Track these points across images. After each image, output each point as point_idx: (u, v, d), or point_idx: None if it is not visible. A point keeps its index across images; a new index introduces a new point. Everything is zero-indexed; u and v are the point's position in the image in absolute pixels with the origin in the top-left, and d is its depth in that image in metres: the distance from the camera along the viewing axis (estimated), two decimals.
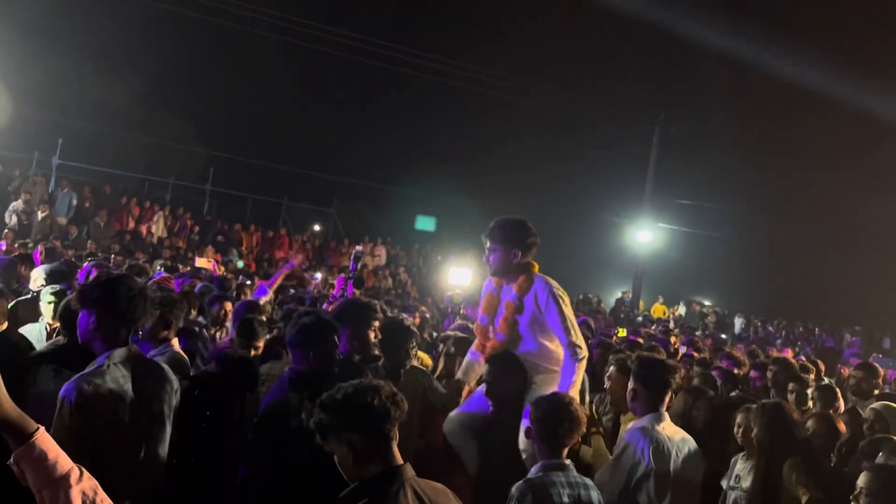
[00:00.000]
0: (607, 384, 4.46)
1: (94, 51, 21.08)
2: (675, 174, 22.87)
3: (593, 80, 24.39)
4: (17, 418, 1.45)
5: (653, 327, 11.58)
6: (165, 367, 3.06)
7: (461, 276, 13.83)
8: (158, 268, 11.82)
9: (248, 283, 11.17)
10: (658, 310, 20.56)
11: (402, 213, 23.48)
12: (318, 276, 14.14)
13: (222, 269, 11.63)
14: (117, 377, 2.68)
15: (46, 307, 4.55)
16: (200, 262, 10.72)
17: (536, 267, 4.03)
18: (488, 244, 4.03)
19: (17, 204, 14.54)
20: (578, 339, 3.81)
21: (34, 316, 4.91)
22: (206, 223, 18.66)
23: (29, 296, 5.61)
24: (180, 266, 13.20)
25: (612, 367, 4.41)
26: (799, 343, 17.76)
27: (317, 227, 22.14)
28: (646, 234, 22.04)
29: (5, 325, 4.15)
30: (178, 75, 22.97)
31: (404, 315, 6.07)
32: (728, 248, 24.33)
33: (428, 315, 9.75)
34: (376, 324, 3.93)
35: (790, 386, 5.29)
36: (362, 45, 20.77)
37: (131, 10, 20.20)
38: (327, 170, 22.55)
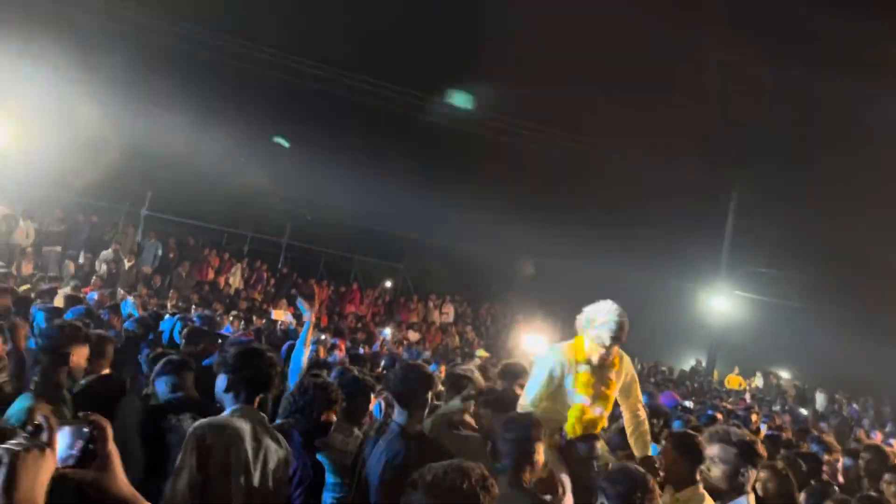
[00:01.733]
0: (661, 461, 4.32)
1: (183, 107, 22.34)
2: (753, 240, 22.27)
3: (667, 143, 24.23)
4: (131, 497, 1.51)
5: (729, 399, 11.14)
6: (279, 435, 3.23)
7: (536, 342, 13.66)
8: (230, 319, 12.18)
9: (322, 337, 11.37)
10: (733, 380, 19.80)
11: (471, 272, 23.57)
12: (387, 331, 14.23)
13: (295, 321, 11.84)
14: (239, 428, 2.96)
15: None
16: (277, 315, 10.97)
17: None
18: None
19: (107, 253, 15.30)
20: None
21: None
22: (281, 276, 19.17)
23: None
24: (255, 318, 13.58)
25: (669, 442, 4.28)
26: (889, 425, 16.71)
27: (388, 284, 22.42)
28: (722, 302, 21.42)
29: (108, 369, 4.36)
30: (259, 133, 24.03)
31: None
32: (809, 318, 23.33)
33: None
34: None
35: (886, 477, 4.98)
36: (433, 104, 21.29)
37: (217, 70, 21.33)
38: (397, 226, 22.94)
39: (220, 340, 7.08)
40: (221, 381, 3.18)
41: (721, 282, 21.50)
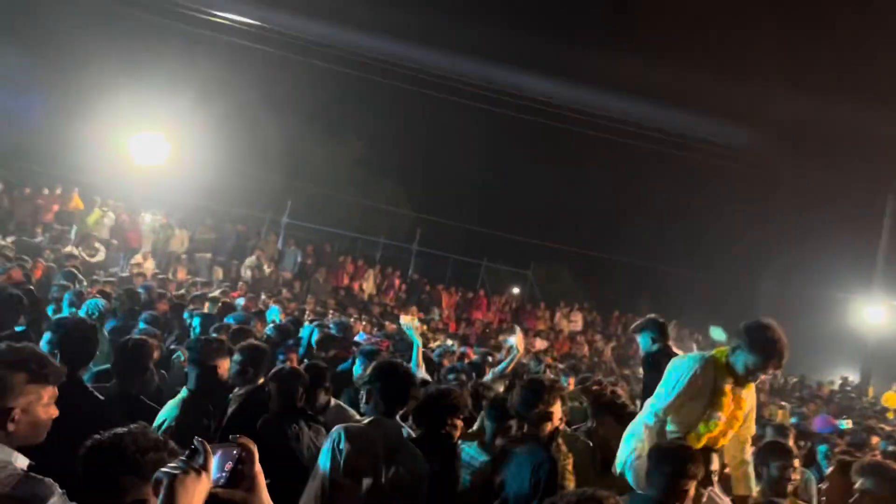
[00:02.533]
0: (825, 485, 4.03)
1: (321, 119, 23.49)
2: None
3: (818, 146, 22.71)
4: None
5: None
6: (415, 449, 3.37)
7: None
8: (363, 323, 12.57)
9: (449, 343, 11.54)
10: (891, 399, 18.18)
11: (602, 279, 23.14)
12: (512, 339, 14.05)
13: (424, 326, 12.07)
14: (375, 436, 3.16)
15: None
16: (405, 320, 11.22)
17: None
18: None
19: (252, 260, 16.30)
20: None
21: None
22: (412, 282, 19.63)
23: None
24: (387, 323, 13.98)
25: (833, 468, 4.00)
26: None
27: (515, 290, 22.40)
28: (877, 312, 19.76)
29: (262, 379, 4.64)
30: (393, 141, 24.84)
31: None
32: None
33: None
34: None
35: None
36: (562, 111, 21.05)
37: (352, 83, 22.20)
38: (525, 233, 22.92)
39: (353, 347, 7.38)
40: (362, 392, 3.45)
41: (876, 290, 19.82)
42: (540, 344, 16.20)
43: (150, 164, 17.14)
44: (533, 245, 23.11)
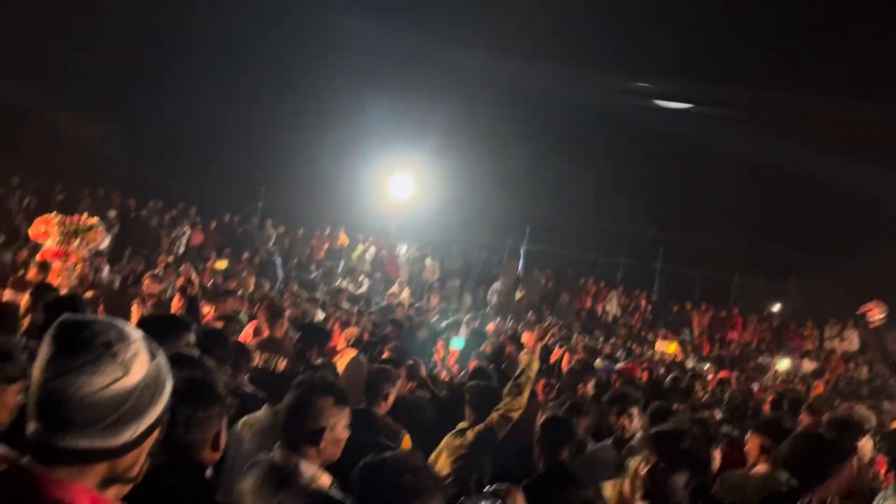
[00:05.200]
0: None
1: (556, 144, 23.72)
2: None
3: None
4: None
5: None
6: None
7: None
8: (609, 348, 12.36)
9: (705, 367, 10.95)
10: None
11: (877, 294, 20.40)
12: (786, 362, 12.78)
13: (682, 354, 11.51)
14: None
15: None
16: (660, 346, 10.89)
17: None
18: None
19: (497, 285, 16.88)
20: None
21: None
22: (658, 302, 18.98)
23: None
24: (633, 346, 13.63)
25: None
26: None
27: (775, 308, 20.61)
28: None
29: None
30: (629, 159, 24.28)
31: None
32: None
33: None
34: None
35: None
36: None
37: (583, 105, 22.17)
38: (783, 244, 21.03)
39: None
40: None
41: None
42: (808, 366, 14.72)
43: (402, 200, 18.62)
44: (792, 257, 21.13)
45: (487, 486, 2.00)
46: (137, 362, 1.36)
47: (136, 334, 1.40)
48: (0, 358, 2.40)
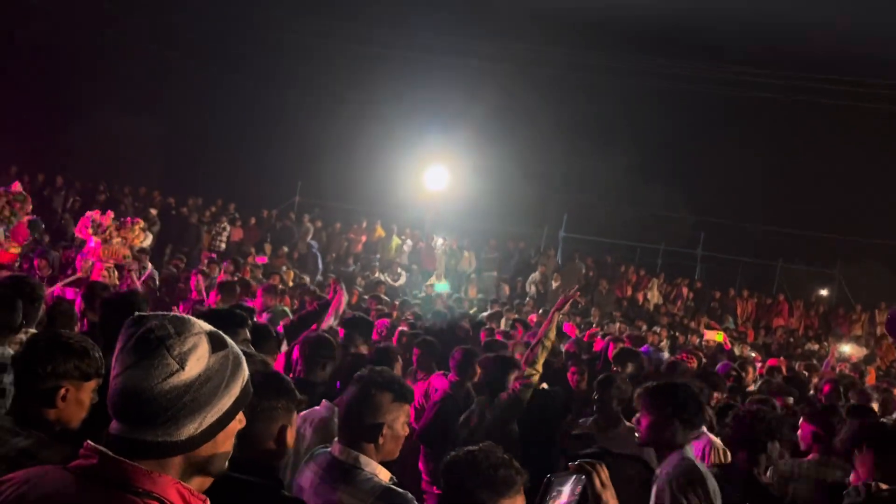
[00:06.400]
0: None
1: (592, 131, 23.42)
2: None
3: None
4: None
5: None
6: None
7: None
8: (665, 338, 12.17)
9: (752, 355, 10.75)
10: None
11: None
12: (847, 348, 12.26)
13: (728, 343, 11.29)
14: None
15: None
16: (708, 335, 10.68)
17: None
18: None
19: (535, 276, 16.75)
20: None
21: None
22: (698, 289, 18.66)
23: None
24: (677, 333, 13.43)
25: None
26: None
27: (823, 292, 20.11)
28: None
29: None
30: (666, 144, 23.86)
31: None
32: None
33: None
34: None
35: None
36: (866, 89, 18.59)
37: (619, 92, 21.87)
38: (827, 228, 20.51)
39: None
40: None
41: None
42: (858, 352, 14.33)
43: (437, 192, 18.58)
44: (838, 241, 20.60)
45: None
46: (194, 356, 1.35)
47: (196, 328, 1.39)
48: (77, 355, 2.42)
